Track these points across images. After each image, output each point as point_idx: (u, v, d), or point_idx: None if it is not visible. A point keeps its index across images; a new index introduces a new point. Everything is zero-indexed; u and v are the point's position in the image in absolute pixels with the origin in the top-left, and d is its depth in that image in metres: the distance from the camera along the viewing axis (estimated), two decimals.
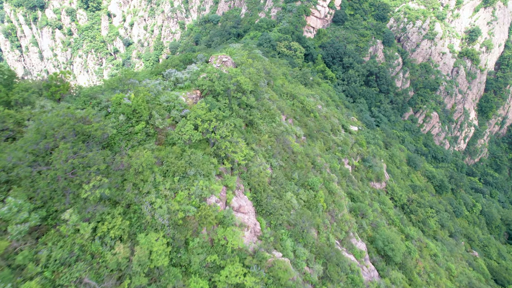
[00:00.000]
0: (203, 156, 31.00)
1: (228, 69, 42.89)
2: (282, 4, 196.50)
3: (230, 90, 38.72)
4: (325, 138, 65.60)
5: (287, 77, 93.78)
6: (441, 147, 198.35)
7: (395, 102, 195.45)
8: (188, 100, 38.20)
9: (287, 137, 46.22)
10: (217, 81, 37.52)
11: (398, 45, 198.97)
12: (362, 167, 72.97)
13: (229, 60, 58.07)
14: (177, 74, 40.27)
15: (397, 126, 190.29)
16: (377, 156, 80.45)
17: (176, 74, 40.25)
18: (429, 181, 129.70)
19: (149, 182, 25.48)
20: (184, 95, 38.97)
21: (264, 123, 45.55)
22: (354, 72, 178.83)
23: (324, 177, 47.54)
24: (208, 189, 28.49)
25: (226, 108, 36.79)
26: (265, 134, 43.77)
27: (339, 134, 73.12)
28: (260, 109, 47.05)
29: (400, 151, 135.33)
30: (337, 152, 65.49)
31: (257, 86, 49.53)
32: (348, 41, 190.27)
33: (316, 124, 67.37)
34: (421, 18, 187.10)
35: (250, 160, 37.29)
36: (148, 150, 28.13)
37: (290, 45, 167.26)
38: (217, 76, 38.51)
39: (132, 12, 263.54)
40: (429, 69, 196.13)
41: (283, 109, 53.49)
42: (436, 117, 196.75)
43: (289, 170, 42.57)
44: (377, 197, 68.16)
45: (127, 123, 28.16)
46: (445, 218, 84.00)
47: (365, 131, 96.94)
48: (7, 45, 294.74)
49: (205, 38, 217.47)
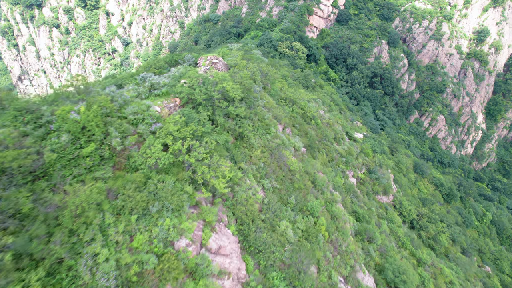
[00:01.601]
0: (175, 184, 24.71)
1: (214, 74, 36.54)
2: (284, 3, 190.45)
3: (214, 99, 32.45)
4: (328, 148, 59.25)
5: (287, 80, 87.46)
6: (447, 152, 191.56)
7: (400, 105, 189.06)
8: (164, 110, 31.92)
9: (284, 152, 39.88)
10: (198, 88, 31.26)
11: (403, 46, 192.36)
12: (368, 179, 66.60)
13: (220, 61, 51.85)
14: (153, 79, 34.09)
15: (402, 130, 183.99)
16: (384, 166, 74.03)
17: (152, 79, 34.06)
18: (436, 189, 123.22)
19: (94, 226, 19.27)
20: (160, 104, 32.70)
21: (256, 135, 39.25)
22: (358, 74, 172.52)
23: (326, 198, 41.24)
24: (177, 229, 22.23)
25: (207, 121, 30.41)
26: (258, 149, 37.48)
27: (343, 143, 66.76)
28: (253, 119, 40.73)
29: (406, 157, 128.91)
30: (340, 164, 59.13)
31: (250, 92, 43.23)
32: (352, 42, 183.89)
33: (318, 132, 60.98)
34: (427, 18, 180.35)
35: (236, 184, 31.03)
36: (100, 180, 21.91)
37: (292, 45, 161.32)
38: (199, 82, 32.20)
39: (131, 11, 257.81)
40: (435, 71, 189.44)
41: (280, 117, 47.13)
42: (443, 120, 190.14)
43: (285, 192, 36.29)
44: (385, 213, 61.82)
45: (74, 144, 21.94)
46: (457, 233, 77.56)
47: (370, 138, 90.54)
48: (4, 44, 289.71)
49: (204, 37, 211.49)
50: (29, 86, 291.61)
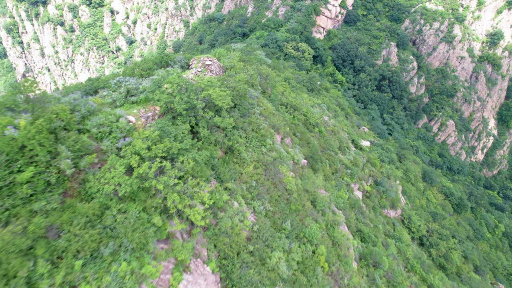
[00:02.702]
0: (140, 215, 20.24)
1: (199, 79, 31.94)
2: (290, 3, 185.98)
3: (197, 109, 27.94)
4: (332, 159, 54.50)
5: (291, 83, 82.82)
6: (457, 158, 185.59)
7: (409, 109, 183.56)
8: (139, 121, 27.50)
9: (280, 168, 35.26)
10: (178, 96, 26.77)
11: (413, 48, 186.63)
12: (375, 192, 61.71)
13: (215, 63, 47.39)
14: (129, 84, 29.72)
15: (410, 135, 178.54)
16: (392, 177, 69.04)
17: (128, 83, 29.70)
18: (446, 198, 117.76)
19: (19, 280, 14.89)
20: (136, 113, 28.27)
21: (249, 148, 34.70)
22: (365, 76, 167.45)
23: (327, 221, 36.59)
24: (136, 276, 17.78)
25: (188, 134, 25.80)
26: (250, 164, 32.92)
27: (349, 152, 61.92)
28: (246, 129, 36.15)
29: (415, 164, 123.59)
30: (345, 176, 54.33)
31: (245, 98, 38.71)
32: (360, 43, 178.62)
33: (321, 141, 56.24)
34: (438, 20, 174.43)
35: (221, 209, 26.52)
36: (40, 213, 17.56)
37: (298, 46, 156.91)
38: (180, 88, 27.67)
39: (135, 9, 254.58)
40: (446, 74, 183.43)
41: (278, 126, 42.47)
42: (452, 125, 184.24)
43: (279, 215, 31.73)
44: (393, 230, 56.93)
45: (8, 167, 17.58)
46: (469, 249, 72.35)
47: (378, 146, 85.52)
48: (9, 41, 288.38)
49: (209, 37, 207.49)
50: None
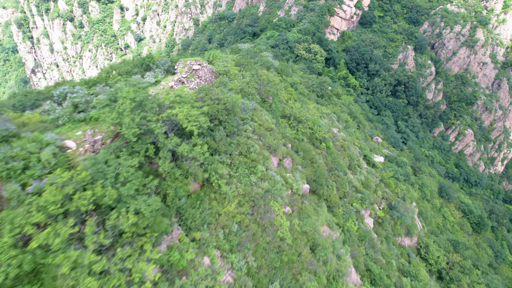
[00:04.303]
0: None
1: (164, 92, 24.83)
2: (303, 2, 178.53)
3: (157, 135, 21.00)
4: (340, 181, 47.12)
5: (298, 88, 75.46)
6: (474, 169, 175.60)
7: (425, 116, 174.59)
8: (83, 147, 20.65)
9: (272, 204, 28.14)
10: (128, 117, 19.89)
11: (431, 53, 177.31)
12: (388, 217, 54.09)
13: (205, 67, 40.37)
14: (76, 96, 23.12)
15: (425, 144, 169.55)
16: (408, 199, 61.21)
17: (75, 96, 23.10)
18: (464, 216, 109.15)
19: None
20: (80, 136, 21.43)
21: (234, 178, 27.72)
22: (380, 81, 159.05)
23: (329, 271, 29.32)
24: None
25: (133, 173, 18.70)
26: (233, 201, 25.98)
27: (360, 172, 54.39)
28: (233, 153, 29.14)
29: (430, 177, 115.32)
30: (354, 201, 46.90)
31: (234, 112, 31.65)
32: (375, 46, 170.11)
33: (328, 160, 48.86)
34: (460, 23, 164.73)
35: (183, 271, 19.60)
36: None
37: (309, 47, 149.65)
38: (135, 105, 20.73)
39: (145, 6, 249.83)
40: (466, 81, 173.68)
41: (275, 147, 35.29)
42: (471, 135, 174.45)
43: (266, 271, 24.64)
44: (407, 264, 49.32)
45: None
46: (495, 283, 64.04)
47: (393, 159, 77.63)
48: (20, 36, 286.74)
49: (218, 36, 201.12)
50: (42, 79, 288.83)
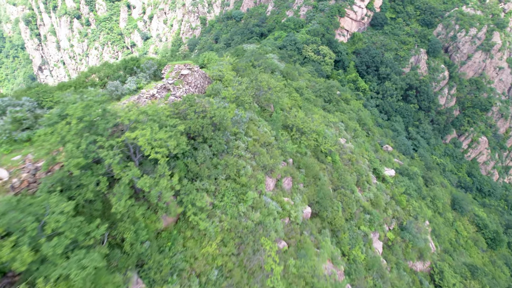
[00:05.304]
0: None
1: (123, 110, 20.04)
2: (313, 3, 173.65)
3: (110, 165, 16.45)
4: (346, 200, 42.23)
5: (304, 93, 70.61)
6: (488, 178, 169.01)
7: (437, 122, 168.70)
8: (19, 177, 16.21)
9: (263, 242, 23.35)
10: (71, 142, 15.34)
11: (445, 56, 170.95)
12: (399, 240, 49.05)
13: (196, 72, 35.92)
14: (19, 111, 18.60)
15: (437, 151, 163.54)
16: (420, 217, 55.97)
17: (18, 110, 18.61)
18: (478, 231, 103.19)
19: None
20: (17, 162, 16.97)
21: (218, 210, 23.08)
22: (391, 85, 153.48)
23: None
24: None
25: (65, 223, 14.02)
26: (215, 239, 21.31)
27: (369, 188, 49.41)
28: (218, 178, 24.47)
29: (443, 188, 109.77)
30: (362, 224, 41.97)
31: (224, 127, 26.98)
32: (386, 49, 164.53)
33: (334, 176, 43.99)
34: (476, 26, 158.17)
35: None
36: None
37: (318, 49, 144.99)
38: (84, 126, 16.10)
39: (152, 4, 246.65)
40: (480, 86, 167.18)
41: (272, 167, 30.52)
42: (485, 142, 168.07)
43: None
44: None
45: None
46: None
47: (404, 170, 72.40)
48: (27, 33, 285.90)
49: (225, 36, 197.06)
50: (48, 77, 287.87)
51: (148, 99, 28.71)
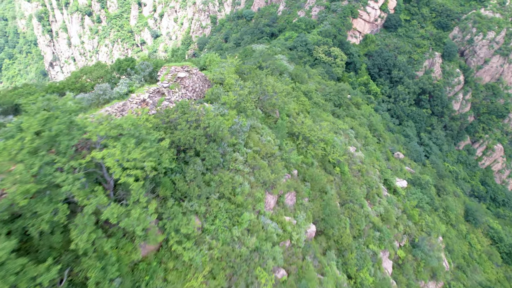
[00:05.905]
0: None
1: (96, 120, 17.23)
2: (325, 3, 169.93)
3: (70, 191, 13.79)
4: (354, 215, 39.16)
5: (312, 97, 67.44)
6: (502, 187, 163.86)
7: (450, 128, 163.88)
8: None
9: (258, 274, 20.50)
10: (23, 164, 12.65)
11: (460, 60, 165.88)
12: (410, 258, 45.76)
13: (195, 75, 33.29)
14: None
15: (449, 158, 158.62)
16: (434, 233, 52.54)
17: None
18: (493, 244, 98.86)
19: None
20: None
21: (207, 235, 20.31)
22: (403, 89, 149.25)
23: None
24: None
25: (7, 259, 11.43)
26: (202, 270, 18.57)
27: (379, 202, 46.24)
28: (210, 197, 21.69)
29: (455, 198, 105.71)
30: (371, 243, 38.84)
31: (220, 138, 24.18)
32: (399, 51, 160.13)
33: (342, 189, 40.92)
34: (494, 29, 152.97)
35: None
36: None
37: (329, 50, 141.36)
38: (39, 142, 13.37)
39: (163, 2, 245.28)
40: (497, 92, 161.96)
41: (273, 182, 27.64)
42: (501, 150, 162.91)
43: None
44: None
45: None
46: None
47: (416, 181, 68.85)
48: (40, 29, 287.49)
49: (235, 35, 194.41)
50: (59, 73, 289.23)
51: (137, 105, 26.01)
